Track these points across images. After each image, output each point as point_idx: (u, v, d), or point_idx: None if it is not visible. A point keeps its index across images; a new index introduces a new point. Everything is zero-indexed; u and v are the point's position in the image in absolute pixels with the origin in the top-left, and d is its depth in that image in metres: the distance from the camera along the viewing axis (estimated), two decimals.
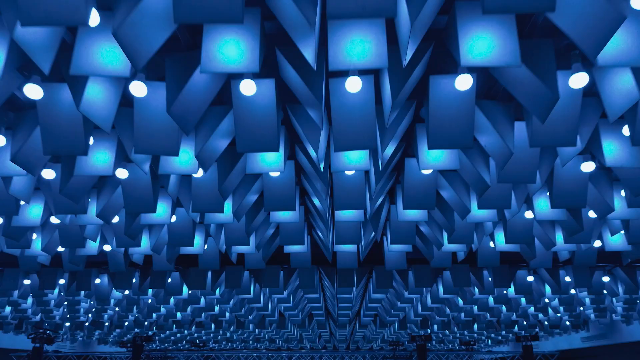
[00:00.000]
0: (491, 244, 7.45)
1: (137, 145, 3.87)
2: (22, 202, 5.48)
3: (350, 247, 7.24)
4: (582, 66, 3.49)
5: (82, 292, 11.27)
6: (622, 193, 5.58)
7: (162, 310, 14.04)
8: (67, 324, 17.69)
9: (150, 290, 11.07)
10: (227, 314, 15.11)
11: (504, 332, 21.19)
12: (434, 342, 24.00)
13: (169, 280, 10.32)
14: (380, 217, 6.29)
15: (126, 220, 6.00)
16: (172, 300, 12.39)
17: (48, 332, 18.00)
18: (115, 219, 6.05)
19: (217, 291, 10.98)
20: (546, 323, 17.90)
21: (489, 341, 25.57)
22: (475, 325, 18.26)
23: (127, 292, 11.62)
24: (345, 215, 5.83)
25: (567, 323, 17.16)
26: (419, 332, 18.61)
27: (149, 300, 12.64)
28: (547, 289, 10.82)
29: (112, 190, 5.46)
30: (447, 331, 20.92)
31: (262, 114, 3.76)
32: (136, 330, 19.16)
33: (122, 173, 4.87)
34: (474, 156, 4.77)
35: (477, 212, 5.64)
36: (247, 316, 14.74)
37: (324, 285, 12.26)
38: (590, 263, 7.93)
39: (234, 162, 4.85)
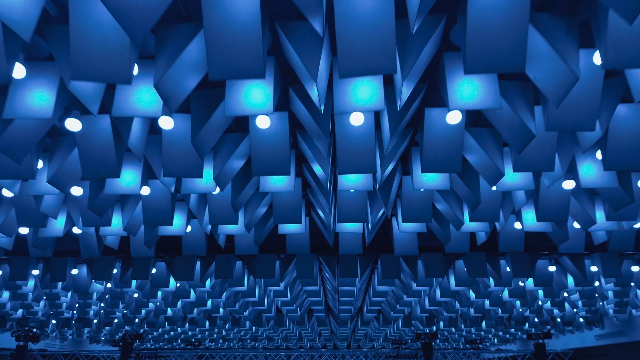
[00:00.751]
0: (516, 225, 6.50)
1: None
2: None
3: (355, 228, 6.29)
4: None
5: (60, 285, 10.30)
6: None
7: (151, 305, 13.09)
8: (54, 321, 16.80)
9: (134, 283, 10.12)
10: (221, 310, 14.16)
11: (512, 330, 20.30)
12: (437, 340, 23.09)
13: (154, 270, 9.36)
14: (391, 190, 5.33)
15: (90, 191, 5.06)
16: (159, 293, 11.45)
17: (34, 329, 17.02)
18: (78, 191, 5.10)
19: (208, 283, 10.02)
20: (558, 320, 16.99)
21: (495, 340, 24.64)
22: (484, 323, 17.36)
23: (109, 285, 10.67)
24: (351, 183, 4.88)
25: (581, 320, 16.22)
26: (424, 329, 17.65)
27: (135, 295, 11.69)
28: (569, 280, 9.87)
29: (67, 152, 4.52)
30: (453, 329, 19.98)
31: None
32: (126, 328, 18.24)
33: (74, 124, 3.96)
34: (514, 101, 3.82)
35: (511, 178, 4.72)
36: (242, 312, 13.78)
37: (324, 277, 11.31)
38: (627, 248, 6.98)
39: (212, 109, 3.92)
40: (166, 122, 4.12)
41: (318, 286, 10.30)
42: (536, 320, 16.84)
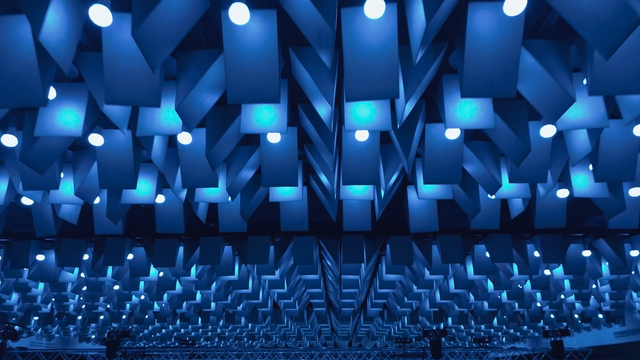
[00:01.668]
0: (560, 193, 5.33)
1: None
2: None
3: (363, 194, 5.13)
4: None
5: (25, 273, 9.13)
6: None
7: (135, 299, 11.92)
8: (36, 317, 15.64)
9: (109, 271, 8.95)
10: (213, 304, 13.00)
11: (524, 327, 19.12)
12: (443, 339, 21.90)
13: (130, 256, 8.19)
14: (413, 139, 4.17)
15: (23, 141, 3.91)
16: (141, 284, 10.28)
17: (15, 327, 15.85)
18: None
19: (193, 271, 8.85)
20: (576, 316, 15.82)
21: (504, 338, 23.45)
22: (495, 319, 16.19)
23: (83, 274, 9.50)
24: (362, 122, 3.72)
25: (600, 316, 15.05)
26: (431, 326, 16.49)
27: (116, 287, 10.52)
28: (604, 268, 8.70)
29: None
30: (462, 326, 18.82)
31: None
32: (114, 325, 17.07)
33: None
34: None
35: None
36: (236, 306, 12.61)
37: (325, 266, 10.14)
38: None
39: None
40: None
41: (318, 275, 9.13)
42: (552, 316, 15.71)
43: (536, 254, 7.86)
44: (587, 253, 7.96)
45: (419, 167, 4.97)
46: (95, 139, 4.19)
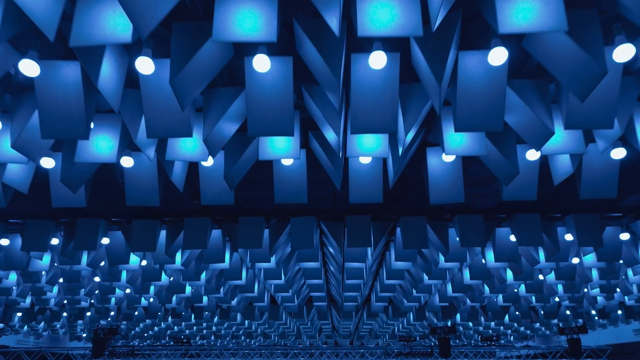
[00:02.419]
0: (615, 153, 4.36)
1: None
2: None
3: (376, 151, 4.16)
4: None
5: None
6: None
7: (119, 292, 10.94)
8: (19, 313, 14.66)
9: (84, 259, 7.96)
10: (205, 299, 12.02)
11: (536, 325, 18.15)
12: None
13: (106, 241, 7.22)
14: (445, 70, 3.20)
15: None
16: (123, 275, 9.30)
17: None
18: None
19: (179, 259, 7.87)
20: (593, 312, 14.85)
21: (512, 337, 22.45)
22: (507, 316, 15.20)
23: (56, 264, 8.52)
24: (379, 29, 2.75)
25: (619, 312, 14.08)
26: (439, 323, 15.51)
27: (97, 279, 9.55)
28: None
29: None
30: (470, 323, 17.85)
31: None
32: (102, 322, 16.10)
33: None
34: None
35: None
36: (230, 300, 11.63)
37: (326, 255, 9.17)
38: None
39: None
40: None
41: (319, 262, 8.15)
42: (568, 312, 14.74)
43: (568, 237, 6.89)
44: (625, 236, 6.99)
45: (446, 119, 4.00)
46: (29, 68, 3.35)
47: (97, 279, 9.70)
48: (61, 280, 9.45)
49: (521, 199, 4.81)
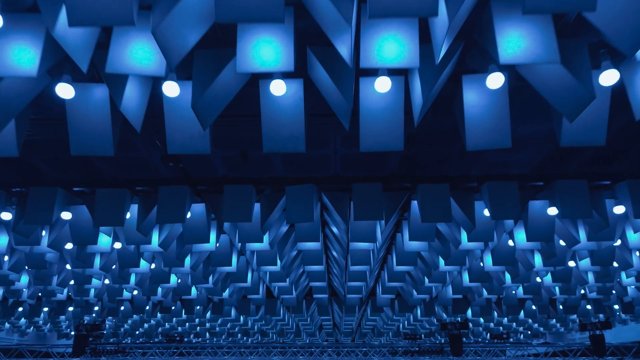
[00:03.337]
0: None
1: None
2: None
3: (401, 59, 3.02)
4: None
5: None
6: None
7: (95, 282, 9.80)
8: None
9: (45, 240, 6.81)
10: (193, 290, 10.90)
11: (552, 321, 17.01)
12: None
13: (67, 216, 6.09)
14: None
15: None
16: (97, 261, 8.16)
17: None
18: None
19: (155, 239, 6.72)
20: (616, 307, 13.72)
21: (522, 336, 21.31)
22: (522, 312, 14.07)
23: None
24: None
25: None
26: (449, 318, 14.36)
27: (68, 266, 8.42)
28: None
29: None
30: (481, 319, 16.71)
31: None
32: (86, 318, 14.96)
33: None
34: None
35: None
36: (221, 292, 10.50)
37: (328, 238, 8.04)
38: None
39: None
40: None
41: (319, 243, 7.01)
42: (589, 307, 13.61)
43: (618, 209, 5.76)
44: None
45: (500, 12, 2.89)
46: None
47: (68, 266, 8.59)
48: (26, 267, 8.33)
49: (586, 143, 3.68)
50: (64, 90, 3.46)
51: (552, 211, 5.86)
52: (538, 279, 9.73)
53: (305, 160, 5.53)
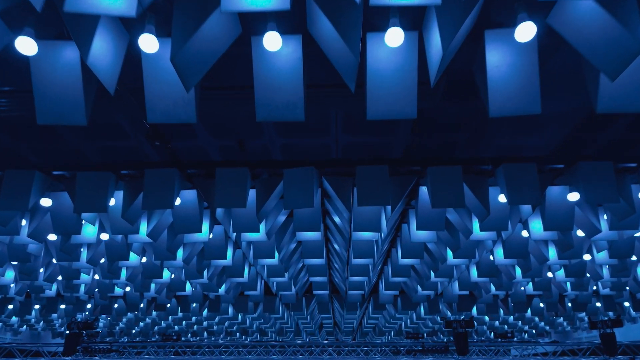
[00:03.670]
0: None
1: None
2: None
3: None
4: None
5: None
6: None
7: (85, 277, 9.33)
8: None
9: (25, 229, 6.34)
10: (188, 286, 10.43)
11: (559, 319, 16.54)
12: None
13: (47, 202, 5.63)
14: None
15: None
16: (84, 255, 7.70)
17: None
18: None
19: (144, 229, 6.25)
20: (627, 304, 13.25)
21: (526, 335, 20.83)
22: (529, 310, 13.59)
23: None
24: None
25: None
26: (453, 316, 13.90)
27: (55, 262, 7.96)
28: None
29: None
30: (486, 317, 16.24)
31: None
32: (78, 316, 14.50)
33: None
34: None
35: None
36: (217, 288, 10.03)
37: (329, 230, 7.57)
38: None
39: None
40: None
41: (320, 234, 6.55)
42: (598, 304, 13.14)
43: None
44: None
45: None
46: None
47: (54, 260, 8.12)
48: (9, 261, 7.85)
49: (627, 109, 3.21)
50: (25, 45, 2.99)
51: (573, 197, 5.40)
52: (549, 274, 9.27)
53: (305, 147, 5.08)
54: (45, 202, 5.64)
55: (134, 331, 20.16)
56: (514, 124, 5.27)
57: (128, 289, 10.90)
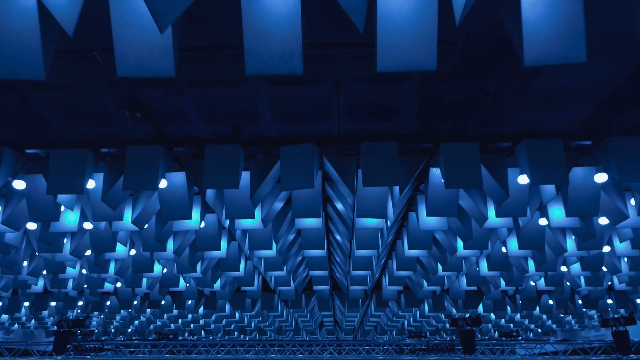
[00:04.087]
0: None
1: None
2: None
3: None
4: None
5: None
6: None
7: (71, 271, 8.81)
8: None
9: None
10: (181, 281, 9.91)
11: (567, 317, 16.02)
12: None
13: (18, 184, 5.11)
14: None
15: None
16: (68, 246, 7.17)
17: None
18: None
19: (128, 216, 5.72)
20: (638, 301, 12.73)
21: (531, 334, 20.32)
22: (538, 307, 13.06)
23: None
24: None
25: None
26: (459, 314, 13.38)
27: (34, 255, 7.44)
28: None
29: None
30: (492, 315, 15.73)
31: None
32: (69, 313, 13.98)
33: None
34: None
35: None
36: (211, 283, 9.52)
37: (331, 220, 7.06)
38: None
39: None
40: None
41: (321, 221, 6.03)
42: (610, 301, 12.62)
43: None
44: None
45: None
46: None
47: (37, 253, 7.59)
48: None
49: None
50: None
51: (600, 178, 4.89)
52: (564, 268, 8.73)
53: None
54: (19, 184, 5.12)
55: (129, 330, 19.68)
56: (535, 95, 4.77)
57: (119, 284, 10.37)
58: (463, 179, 4.51)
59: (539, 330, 19.25)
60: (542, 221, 6.16)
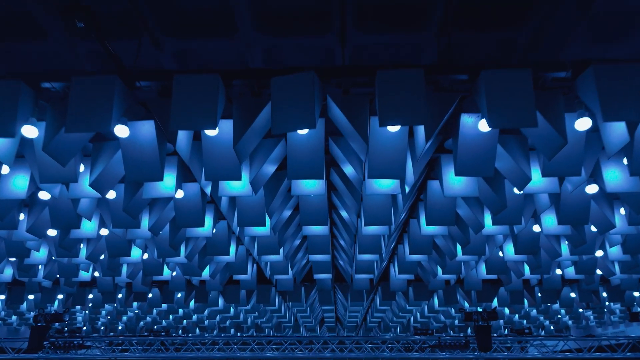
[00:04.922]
0: None
1: None
2: None
3: None
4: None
5: None
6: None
7: (38, 255, 7.73)
8: None
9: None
10: (165, 269, 8.82)
11: (587, 313, 14.94)
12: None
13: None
14: None
15: None
16: (25, 223, 6.08)
17: None
18: None
19: (87, 183, 4.63)
20: None
21: (542, 331, 19.24)
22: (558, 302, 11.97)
23: None
24: None
25: None
26: (471, 308, 12.28)
27: None
28: None
29: None
30: (506, 309, 14.63)
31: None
32: (49, 307, 12.87)
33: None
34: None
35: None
36: (199, 271, 8.43)
37: (335, 187, 5.97)
38: None
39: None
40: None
41: (322, 183, 4.94)
42: (636, 294, 11.56)
43: None
44: None
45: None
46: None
47: None
48: None
49: None
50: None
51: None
52: (599, 253, 7.63)
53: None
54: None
55: (120, 327, 18.58)
56: (597, 18, 3.69)
57: (97, 274, 9.29)
58: (512, 115, 3.42)
59: (552, 327, 18.21)
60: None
